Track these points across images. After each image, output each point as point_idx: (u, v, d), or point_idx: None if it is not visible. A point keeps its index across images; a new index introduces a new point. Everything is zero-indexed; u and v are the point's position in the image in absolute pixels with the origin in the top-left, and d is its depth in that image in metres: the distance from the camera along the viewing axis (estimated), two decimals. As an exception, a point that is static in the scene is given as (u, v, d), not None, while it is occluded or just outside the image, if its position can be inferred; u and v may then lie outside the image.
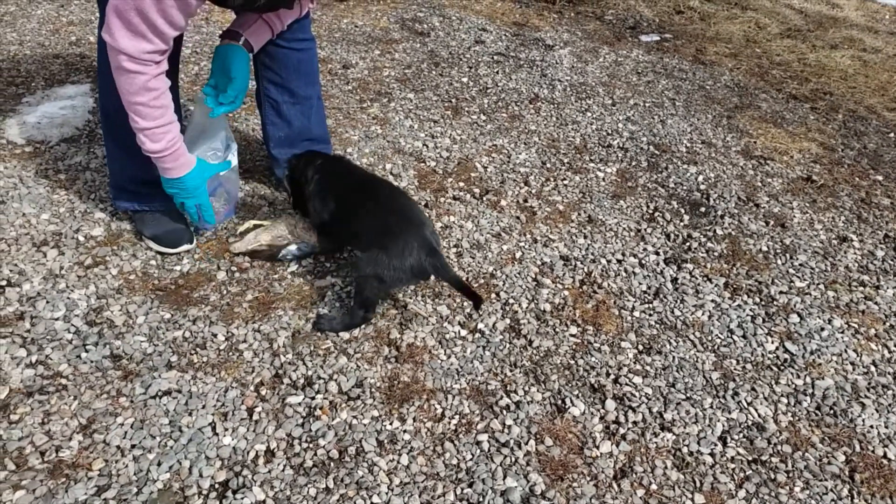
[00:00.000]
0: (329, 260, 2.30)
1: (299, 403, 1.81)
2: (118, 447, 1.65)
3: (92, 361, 1.86)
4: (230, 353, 1.94)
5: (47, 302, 2.01)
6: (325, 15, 4.20)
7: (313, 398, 1.83)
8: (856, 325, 2.30)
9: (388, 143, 2.99)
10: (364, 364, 1.95)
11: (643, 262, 2.47)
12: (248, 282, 2.18)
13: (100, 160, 2.63)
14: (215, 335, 1.98)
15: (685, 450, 1.82)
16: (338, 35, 3.97)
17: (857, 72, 4.27)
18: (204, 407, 1.77)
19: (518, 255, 2.43)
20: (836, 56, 4.46)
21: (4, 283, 2.05)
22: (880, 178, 3.18)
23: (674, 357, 2.10)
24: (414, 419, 1.81)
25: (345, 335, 2.02)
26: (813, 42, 4.69)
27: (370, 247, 1.97)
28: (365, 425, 1.78)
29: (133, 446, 1.65)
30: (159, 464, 1.62)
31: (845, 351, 2.19)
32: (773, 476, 1.77)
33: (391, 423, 1.79)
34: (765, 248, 2.62)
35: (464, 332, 2.09)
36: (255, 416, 1.77)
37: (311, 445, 1.71)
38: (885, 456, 1.86)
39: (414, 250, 1.92)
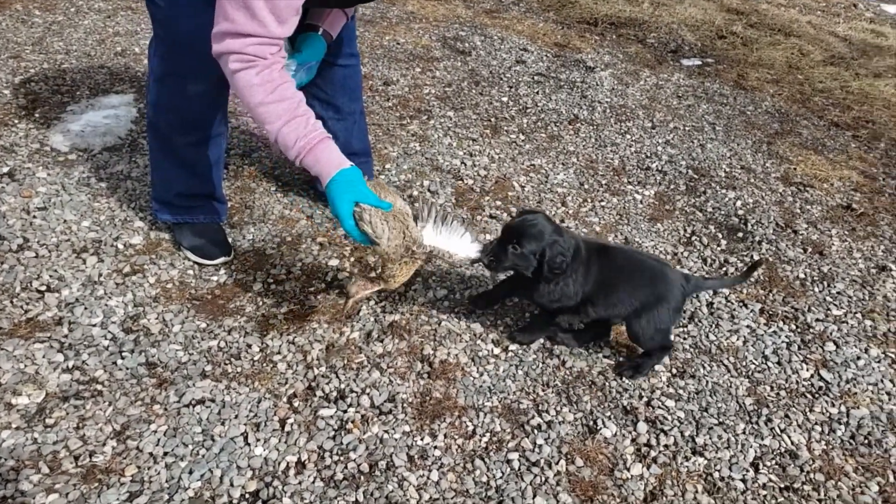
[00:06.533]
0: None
1: (331, 416, 1.81)
2: (151, 454, 1.66)
3: (127, 368, 1.88)
4: (264, 364, 1.95)
5: (85, 308, 2.05)
6: (367, 32, 4.26)
7: (345, 411, 1.83)
8: (893, 355, 2.24)
9: (426, 161, 3.00)
10: (396, 379, 1.94)
11: (679, 285, 2.44)
12: (284, 294, 2.19)
13: (141, 169, 2.68)
14: (250, 346, 2.00)
15: (716, 475, 1.79)
16: (380, 52, 4.01)
17: (901, 100, 4.20)
18: (237, 417, 1.78)
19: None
20: (880, 85, 4.39)
21: (44, 288, 2.10)
22: (924, 207, 3.11)
23: (707, 381, 2.06)
24: (445, 435, 1.80)
25: (378, 350, 2.02)
26: (856, 70, 4.62)
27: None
28: (396, 440, 1.77)
29: (165, 453, 1.67)
30: (191, 472, 1.63)
31: (881, 381, 2.14)
32: (806, 505, 1.74)
33: (422, 439, 1.78)
34: (802, 276, 2.57)
35: (497, 350, 2.08)
36: (287, 428, 1.77)
37: (341, 458, 1.71)
38: (922, 489, 1.81)
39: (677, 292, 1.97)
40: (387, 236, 1.74)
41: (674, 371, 2.08)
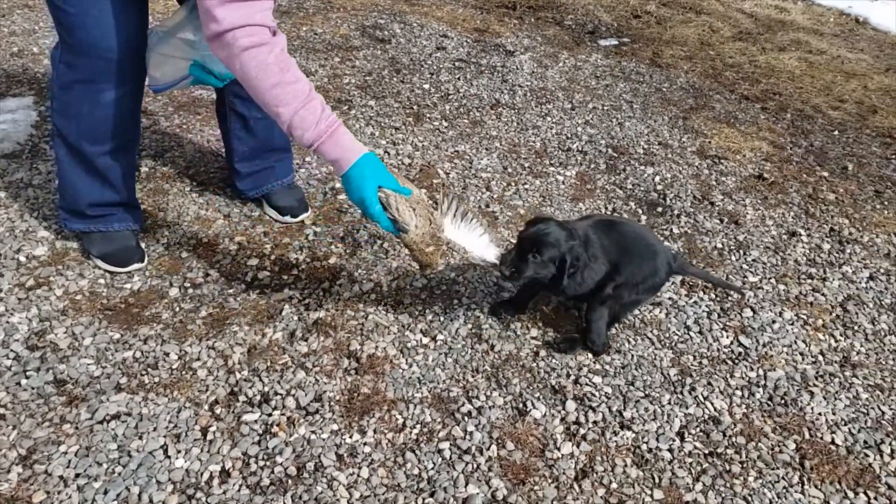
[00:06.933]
0: (286, 273, 2.25)
1: (255, 421, 1.76)
2: (61, 477, 1.58)
3: (33, 388, 1.77)
4: (183, 372, 1.87)
5: (-15, 327, 1.93)
6: (283, 23, 4.14)
7: (270, 415, 1.78)
8: (804, 317, 2.33)
9: (344, 152, 2.94)
10: (323, 377, 1.90)
11: (602, 263, 2.47)
12: (202, 298, 2.12)
13: (44, 176, 2.54)
14: (167, 354, 1.92)
15: (644, 447, 1.82)
16: (297, 43, 3.91)
17: (804, 73, 4.37)
18: (155, 429, 1.71)
19: (477, 260, 2.40)
20: (785, 58, 4.56)
21: (-59, 307, 1.96)
22: (826, 174, 3.24)
23: (633, 355, 2.10)
24: (374, 431, 1.77)
25: (303, 349, 1.98)
26: (763, 45, 4.78)
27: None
28: (324, 440, 1.73)
29: (77, 475, 1.58)
30: (106, 492, 1.55)
31: (795, 342, 2.23)
32: (728, 468, 1.79)
33: (351, 437, 1.75)
34: (719, 245, 2.65)
35: (425, 340, 2.06)
36: (210, 436, 1.71)
37: (267, 463, 1.66)
38: (832, 442, 1.90)
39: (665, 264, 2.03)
40: (414, 223, 1.70)
41: (600, 348, 2.11)
